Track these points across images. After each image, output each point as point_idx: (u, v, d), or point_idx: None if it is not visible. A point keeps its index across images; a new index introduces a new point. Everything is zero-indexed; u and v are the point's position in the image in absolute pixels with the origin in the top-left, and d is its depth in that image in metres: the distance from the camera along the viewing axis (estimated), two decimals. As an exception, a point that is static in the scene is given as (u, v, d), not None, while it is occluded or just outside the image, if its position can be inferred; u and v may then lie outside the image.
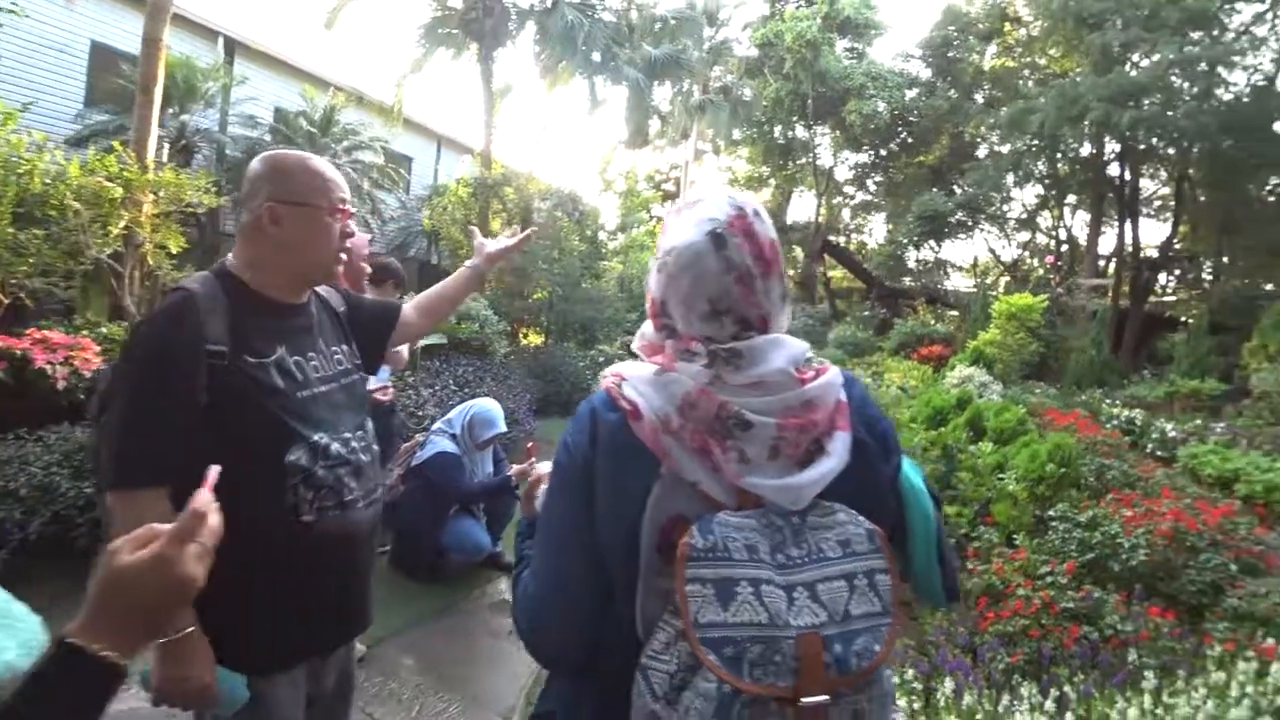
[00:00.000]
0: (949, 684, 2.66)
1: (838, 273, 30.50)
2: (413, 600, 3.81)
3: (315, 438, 1.47)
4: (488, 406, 4.08)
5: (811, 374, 0.94)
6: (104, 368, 3.88)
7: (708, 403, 0.88)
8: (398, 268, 4.15)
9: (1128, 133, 16.19)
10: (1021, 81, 22.89)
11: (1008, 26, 24.01)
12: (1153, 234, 22.20)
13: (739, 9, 23.76)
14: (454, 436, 3.97)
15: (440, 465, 3.83)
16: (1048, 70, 22.41)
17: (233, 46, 13.74)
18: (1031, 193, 24.98)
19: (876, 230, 31.16)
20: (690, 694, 0.77)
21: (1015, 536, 3.54)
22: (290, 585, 1.46)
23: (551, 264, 12.06)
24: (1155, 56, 16.42)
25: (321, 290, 1.72)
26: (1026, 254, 27.29)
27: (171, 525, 0.76)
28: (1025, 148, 19.77)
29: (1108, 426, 9.89)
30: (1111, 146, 19.09)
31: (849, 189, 29.03)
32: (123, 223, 5.47)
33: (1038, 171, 21.98)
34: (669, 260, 0.96)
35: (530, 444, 2.11)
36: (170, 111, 10.75)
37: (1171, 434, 9.47)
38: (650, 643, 0.84)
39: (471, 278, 2.05)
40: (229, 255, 1.58)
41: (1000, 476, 4.08)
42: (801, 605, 0.79)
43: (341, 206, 1.58)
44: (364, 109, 15.64)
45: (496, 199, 14.09)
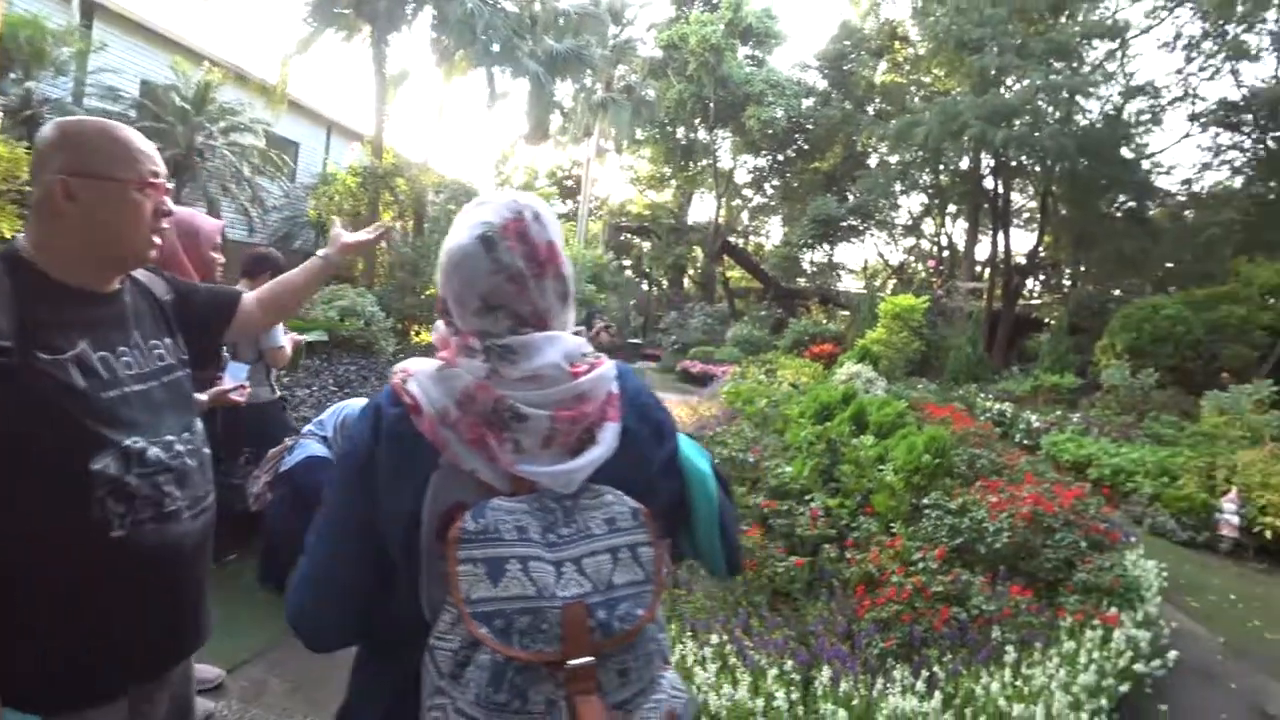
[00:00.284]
0: (826, 672, 2.71)
1: (736, 273, 31.34)
2: (279, 616, 3.50)
3: (127, 442, 1.28)
4: (362, 406, 3.79)
5: (585, 368, 1.00)
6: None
7: (485, 396, 0.94)
8: (276, 258, 3.85)
9: (1000, 149, 17.56)
10: (909, 97, 24.36)
11: (897, 45, 25.48)
12: (1022, 243, 24.24)
13: (644, 9, 23.99)
14: (324, 439, 3.67)
15: (309, 470, 3.54)
16: (933, 88, 23.95)
17: (90, 8, 12.39)
18: (917, 201, 26.65)
19: (774, 233, 32.35)
20: (471, 668, 0.83)
21: (893, 525, 3.67)
22: (99, 609, 1.28)
23: (444, 259, 11.64)
24: (1025, 82, 17.87)
25: (141, 276, 1.51)
26: (912, 258, 29.09)
27: None
28: (911, 159, 21.04)
29: (981, 419, 10.62)
30: (987, 161, 20.63)
31: (748, 192, 30.00)
32: (-67, 200, 4.76)
33: (922, 182, 23.46)
34: (445, 260, 1.02)
35: None
36: (12, 77, 9.58)
37: (1036, 425, 10.29)
38: (437, 624, 0.89)
39: (322, 269, 1.89)
40: (19, 236, 1.37)
41: (881, 468, 4.24)
42: (569, 578, 0.86)
43: (153, 181, 1.39)
44: (244, 88, 14.54)
45: (388, 190, 13.48)
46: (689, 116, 24.53)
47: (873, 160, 25.24)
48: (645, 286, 30.76)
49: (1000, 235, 21.43)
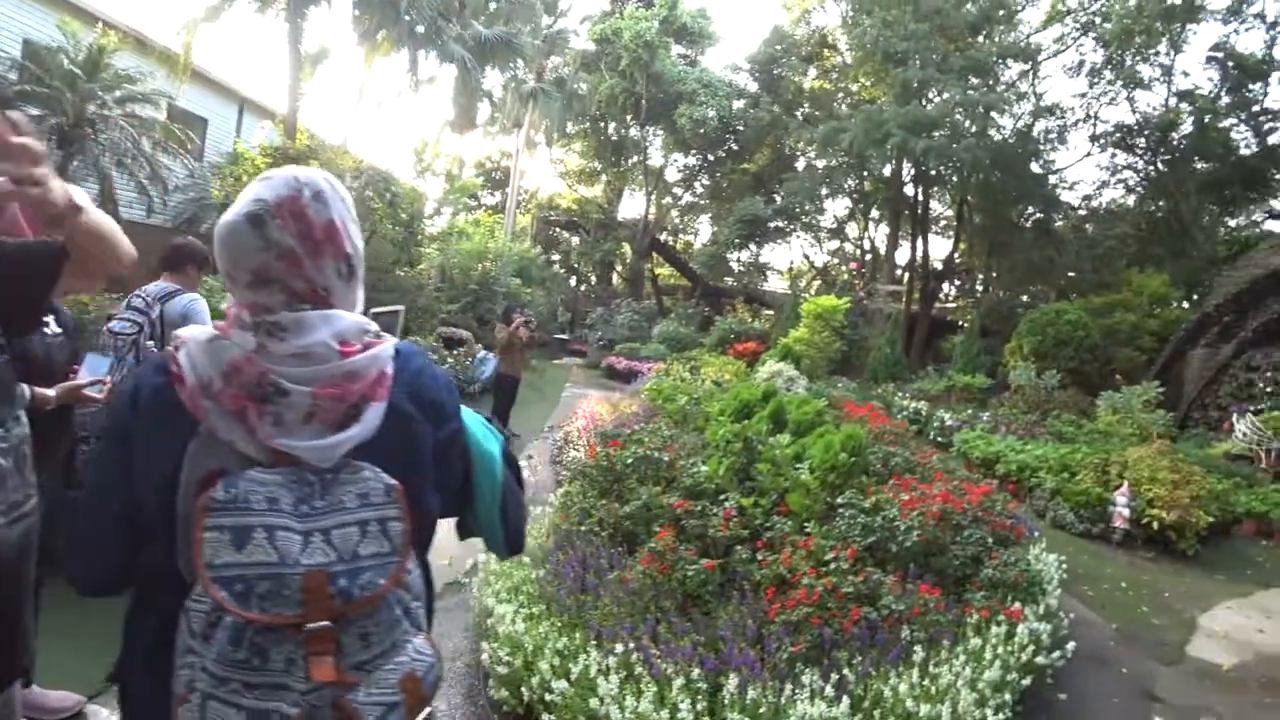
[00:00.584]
0: (733, 680, 2.59)
1: (665, 270, 31.44)
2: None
3: None
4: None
5: (358, 348, 1.02)
6: None
7: (251, 369, 0.95)
8: (195, 248, 3.46)
9: (921, 159, 18.20)
10: (836, 104, 24.98)
11: (826, 52, 26.08)
12: (939, 249, 25.28)
13: (579, 0, 23.69)
14: None
15: None
16: (859, 96, 24.63)
17: (-42, -44, 11.15)
18: (841, 205, 27.44)
19: (703, 231, 32.57)
20: (220, 628, 0.87)
21: (808, 525, 3.61)
22: None
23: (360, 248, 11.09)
24: (945, 96, 18.62)
25: None
26: (836, 260, 29.91)
27: None
28: (837, 164, 21.56)
29: (898, 417, 10.92)
30: (908, 170, 21.39)
31: (677, 190, 30.01)
32: None
33: (847, 187, 24.10)
34: (215, 235, 1.03)
35: None
36: None
37: (949, 423, 10.65)
38: (195, 587, 0.91)
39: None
40: None
41: (798, 467, 4.19)
42: (315, 547, 0.90)
43: None
44: (145, 56, 13.39)
45: (301, 173, 12.72)
46: (620, 112, 24.32)
47: (800, 164, 25.76)
48: (573, 282, 30.42)
49: (919, 241, 22.29)
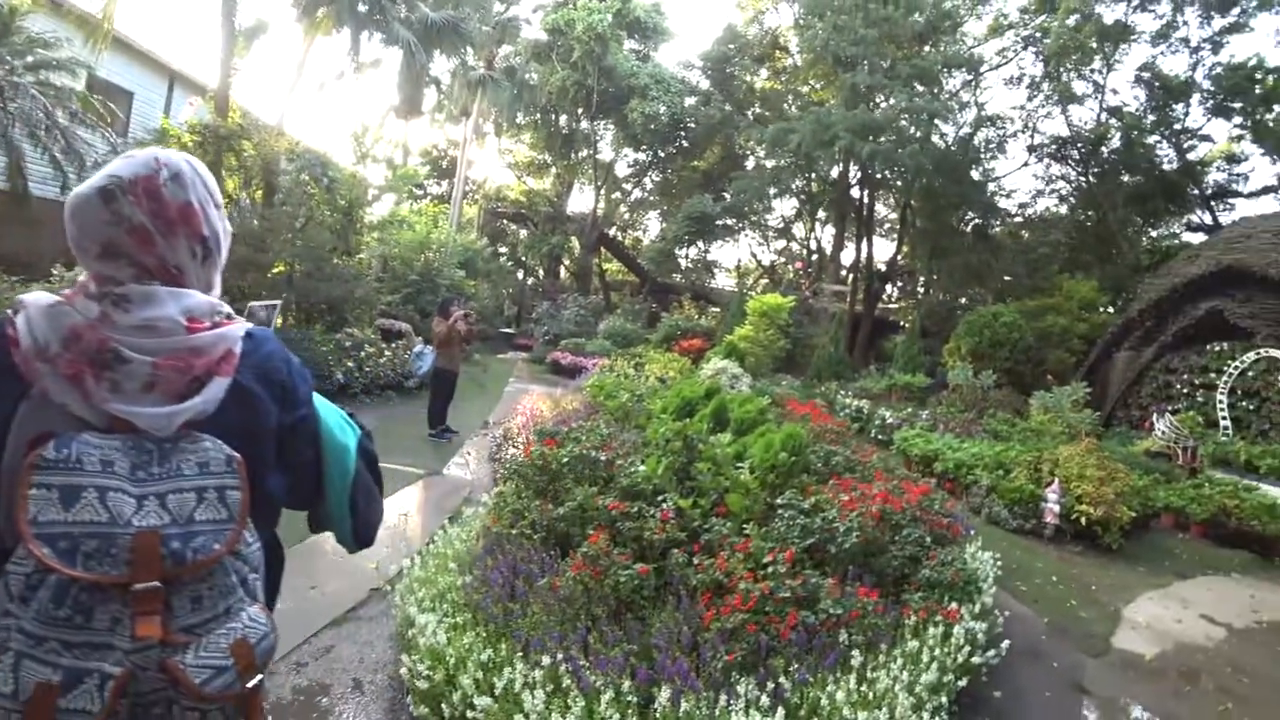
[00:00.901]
0: (666, 692, 2.46)
1: (613, 266, 31.28)
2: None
3: None
4: None
5: (207, 325, 1.04)
6: None
7: (91, 337, 0.97)
8: None
9: (867, 162, 18.54)
10: (786, 104, 25.24)
11: (778, 54, 26.33)
12: (883, 251, 25.86)
13: (531, -12, 23.25)
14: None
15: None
16: (809, 98, 24.95)
17: None
18: (789, 205, 27.78)
19: (652, 228, 32.53)
20: (41, 589, 0.88)
21: (747, 526, 3.51)
22: None
23: (295, 234, 10.52)
24: (891, 101, 18.98)
25: None
26: (782, 259, 30.30)
27: None
28: (785, 164, 21.79)
29: (840, 415, 11.05)
30: (855, 172, 21.79)
31: (627, 185, 29.86)
32: None
33: (795, 187, 24.41)
34: (66, 206, 1.04)
35: None
36: None
37: (890, 421, 10.83)
38: (17, 549, 0.90)
39: None
40: None
41: (738, 466, 4.09)
42: (149, 510, 0.92)
43: None
44: (61, 19, 12.45)
45: (233, 153, 12.01)
46: (571, 104, 23.99)
47: (750, 163, 25.95)
48: (520, 275, 29.95)
49: (864, 242, 22.75)
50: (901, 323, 22.09)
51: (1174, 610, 5.29)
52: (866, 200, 22.73)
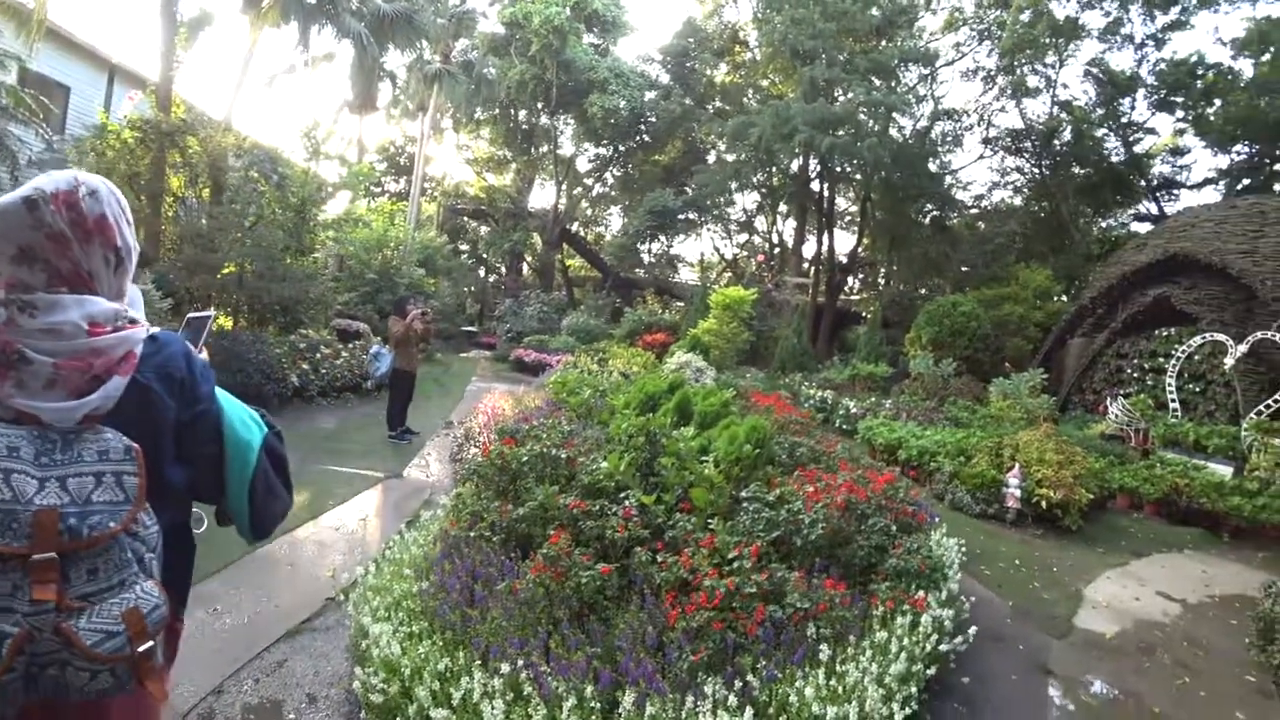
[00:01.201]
0: (629, 697, 2.37)
1: (576, 262, 31.05)
2: None
3: None
4: None
5: (108, 329, 1.15)
6: None
7: None
8: None
9: (826, 155, 18.66)
10: (746, 98, 25.32)
11: (738, 48, 26.38)
12: (844, 243, 26.17)
13: (487, -21, 22.84)
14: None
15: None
16: (769, 92, 25.06)
17: None
18: (751, 199, 27.88)
19: (614, 223, 32.37)
20: None
21: (712, 521, 3.43)
22: None
23: (245, 234, 10.13)
24: (850, 95, 19.14)
25: None
26: (745, 253, 30.44)
27: None
28: (746, 158, 21.85)
29: (805, 406, 11.09)
30: (815, 165, 21.95)
31: (588, 180, 29.63)
32: None
33: (756, 181, 24.49)
34: None
35: None
36: None
37: (854, 411, 10.91)
38: None
39: None
40: None
41: (703, 460, 4.02)
42: (50, 491, 1.04)
43: None
44: (-12, 9, 11.74)
45: (177, 150, 11.51)
46: (530, 99, 23.66)
47: (711, 157, 25.98)
48: (482, 273, 29.52)
49: (825, 235, 22.95)
50: (863, 314, 22.37)
51: (1132, 589, 5.40)
52: (827, 193, 22.93)
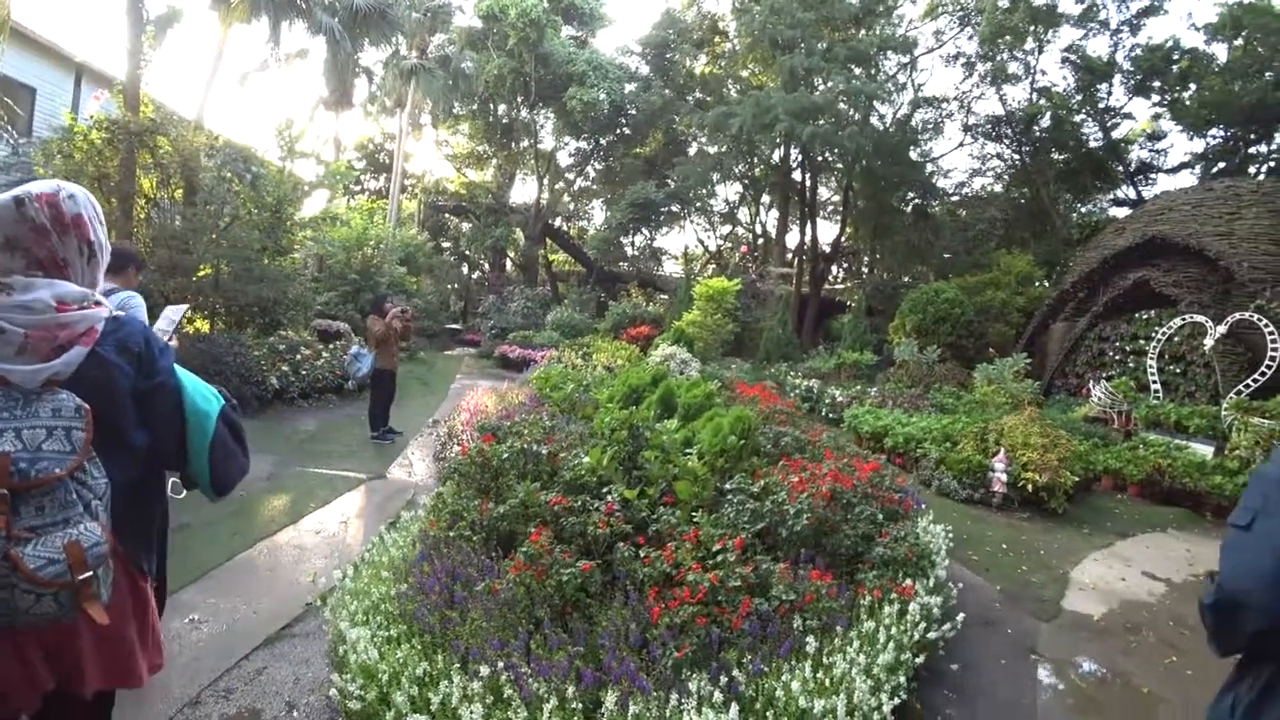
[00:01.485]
0: (611, 697, 2.30)
1: (559, 256, 30.85)
2: None
3: None
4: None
5: (75, 308, 1.41)
6: None
7: None
8: (133, 252, 3.65)
9: (807, 145, 18.63)
10: (726, 89, 25.22)
11: (717, 38, 26.25)
12: (827, 233, 26.19)
13: (463, -27, 22.51)
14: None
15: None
16: (749, 82, 24.97)
17: None
18: (733, 190, 27.83)
19: (597, 216, 32.16)
20: None
21: (696, 514, 3.37)
22: None
23: (219, 234, 9.93)
24: (829, 84, 19.10)
25: None
26: (729, 245, 30.40)
27: None
28: (727, 149, 21.78)
29: (791, 395, 11.08)
30: (796, 155, 21.92)
31: (570, 174, 29.42)
32: None
33: (738, 172, 24.43)
34: None
35: None
36: None
37: (840, 399, 10.90)
38: None
39: None
40: None
41: (687, 452, 3.96)
42: (6, 439, 1.27)
43: None
44: (-54, 12, 11.40)
45: (147, 150, 11.24)
46: (509, 93, 23.39)
47: (692, 149, 25.86)
48: (465, 270, 29.26)
49: (808, 225, 22.93)
50: (848, 302, 22.40)
51: (1118, 569, 5.42)
52: (809, 183, 22.91)
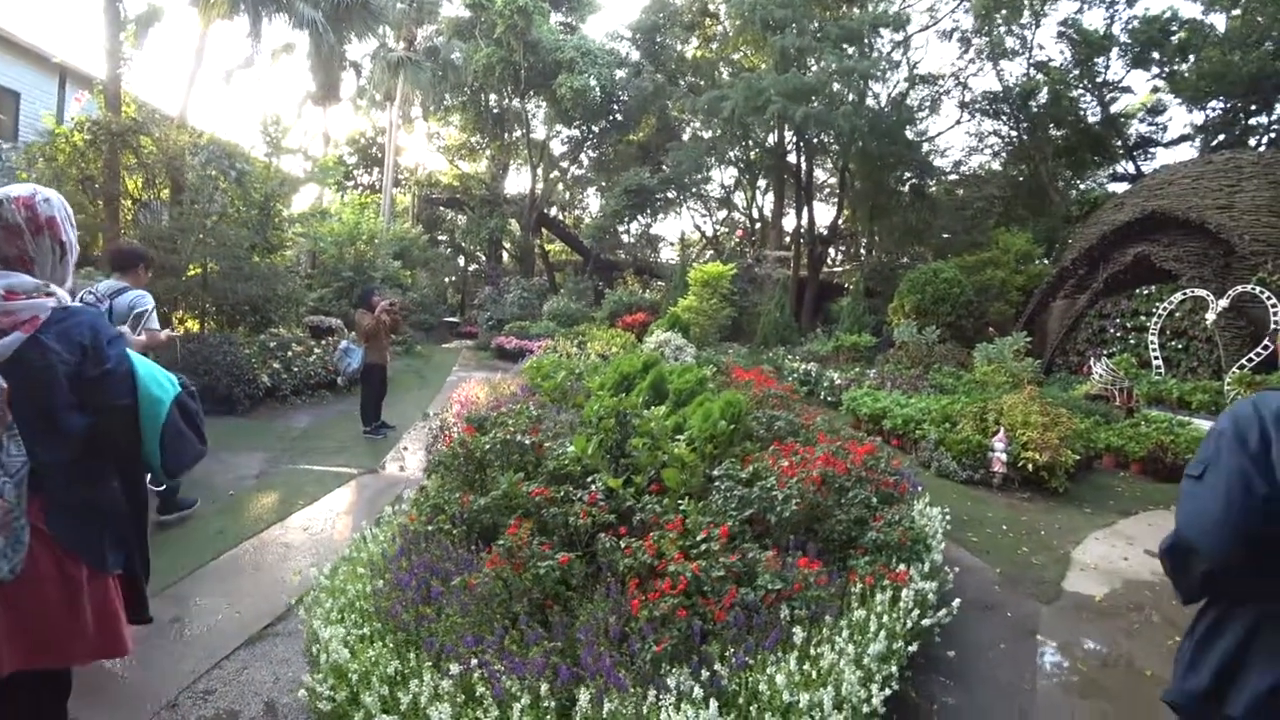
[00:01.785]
0: (585, 694, 2.21)
1: (555, 246, 30.68)
2: None
3: None
4: None
5: (22, 298, 1.56)
6: None
7: None
8: (143, 251, 3.86)
9: (800, 126, 18.40)
10: (718, 72, 24.92)
11: (708, 21, 25.92)
12: (824, 215, 25.95)
13: (448, -37, 22.20)
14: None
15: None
16: (740, 65, 24.67)
17: None
18: (729, 174, 27.59)
19: (592, 205, 31.93)
20: None
21: (683, 502, 3.27)
22: None
23: (207, 233, 9.80)
24: (822, 64, 18.85)
25: None
26: (726, 230, 30.19)
27: None
28: (721, 133, 21.54)
29: (789, 379, 10.97)
30: (791, 138, 21.68)
31: (564, 163, 29.17)
32: None
33: (732, 156, 24.19)
34: None
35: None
36: None
37: (838, 382, 10.79)
38: None
39: None
40: None
41: (677, 439, 3.85)
42: None
43: None
44: (-75, 17, 11.25)
45: (130, 151, 11.10)
46: (499, 83, 23.11)
47: (686, 134, 25.61)
48: (461, 262, 29.10)
49: (805, 208, 22.74)
50: (846, 285, 22.24)
51: (1120, 549, 5.32)
52: (804, 165, 22.68)
